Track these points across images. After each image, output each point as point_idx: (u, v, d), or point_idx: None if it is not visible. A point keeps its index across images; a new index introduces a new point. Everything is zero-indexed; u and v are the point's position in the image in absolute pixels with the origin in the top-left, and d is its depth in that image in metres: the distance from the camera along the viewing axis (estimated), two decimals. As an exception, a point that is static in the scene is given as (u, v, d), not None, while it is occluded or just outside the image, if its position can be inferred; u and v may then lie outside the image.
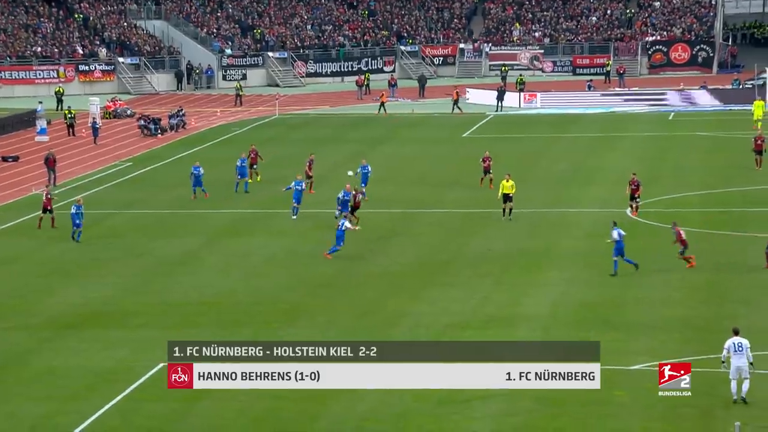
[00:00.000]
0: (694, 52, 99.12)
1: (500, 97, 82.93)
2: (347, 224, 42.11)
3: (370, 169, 52.25)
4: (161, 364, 32.17)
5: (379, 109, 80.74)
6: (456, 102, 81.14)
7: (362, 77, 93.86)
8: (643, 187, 46.97)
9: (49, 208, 47.78)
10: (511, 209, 46.49)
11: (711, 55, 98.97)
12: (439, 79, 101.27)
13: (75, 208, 45.70)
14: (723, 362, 25.20)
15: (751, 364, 25.34)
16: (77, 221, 45.41)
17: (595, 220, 47.71)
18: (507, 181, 46.58)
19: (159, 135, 74.89)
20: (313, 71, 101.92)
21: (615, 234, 38.91)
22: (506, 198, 46.61)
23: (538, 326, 34.41)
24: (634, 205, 45.93)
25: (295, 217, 48.74)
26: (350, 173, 48.29)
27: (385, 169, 58.08)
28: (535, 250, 43.21)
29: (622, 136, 70.12)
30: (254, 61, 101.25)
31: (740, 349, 24.23)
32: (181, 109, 79.63)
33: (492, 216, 49.63)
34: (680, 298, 36.62)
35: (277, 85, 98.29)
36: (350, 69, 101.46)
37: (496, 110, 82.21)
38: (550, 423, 27.36)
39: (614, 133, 71.48)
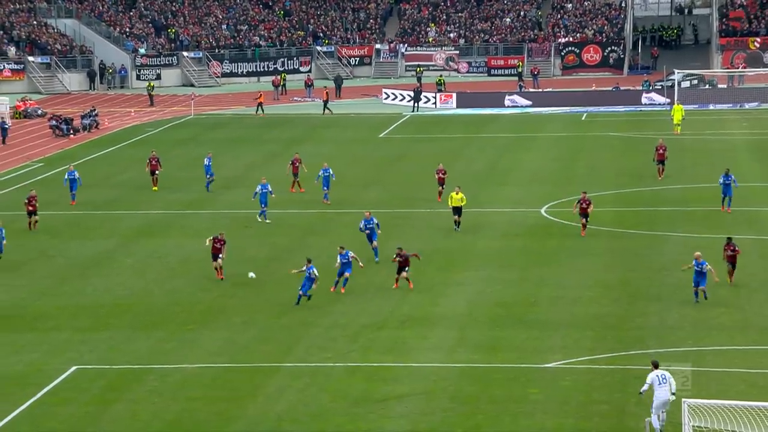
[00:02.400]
0: (605, 54, 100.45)
1: (416, 98, 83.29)
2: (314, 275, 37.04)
3: (331, 172, 51.82)
4: (74, 368, 31.81)
5: (257, 110, 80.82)
6: (326, 103, 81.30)
7: (278, 77, 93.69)
8: (593, 206, 44.36)
9: None
10: (459, 222, 45.43)
11: (622, 56, 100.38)
12: (355, 79, 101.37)
13: None
14: (641, 393, 25.07)
15: (673, 394, 25.17)
16: None
17: (510, 220, 48.11)
18: (457, 193, 45.39)
19: (71, 135, 73.94)
20: (228, 71, 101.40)
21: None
22: (456, 210, 45.43)
23: (454, 325, 34.61)
24: (584, 222, 43.80)
25: (266, 220, 48.06)
26: (251, 275, 39.73)
27: (302, 169, 57.93)
28: (452, 250, 43.46)
29: (536, 137, 70.82)
30: (169, 60, 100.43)
31: (664, 381, 24.20)
32: (94, 109, 78.72)
33: (410, 216, 49.82)
34: (593, 296, 37.07)
35: (192, 85, 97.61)
36: (266, 69, 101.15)
37: (413, 111, 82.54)
38: (465, 421, 27.54)
39: (529, 133, 72.19)
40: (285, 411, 28.53)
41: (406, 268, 37.81)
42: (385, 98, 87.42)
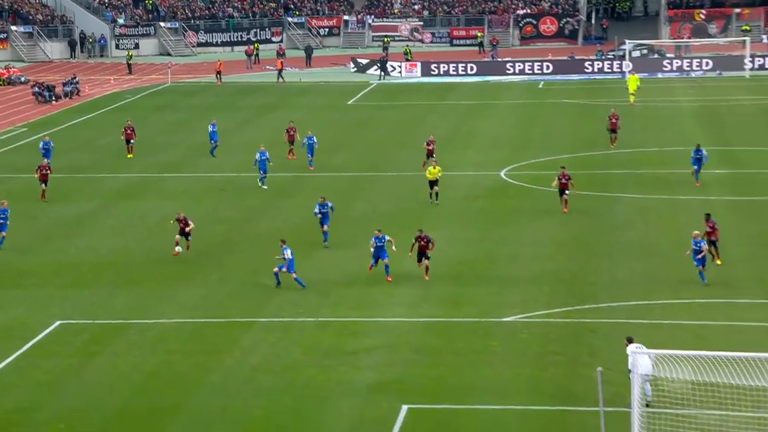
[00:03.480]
0: (561, 25, 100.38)
1: (383, 67, 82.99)
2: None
3: (315, 140, 51.35)
4: (57, 322, 31.67)
5: (217, 78, 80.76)
6: (280, 72, 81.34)
7: (251, 47, 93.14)
8: (573, 184, 42.06)
9: None
10: (437, 193, 43.85)
11: (576, 27, 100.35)
12: (325, 49, 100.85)
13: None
14: (629, 370, 24.53)
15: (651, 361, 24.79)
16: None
17: (471, 182, 48.13)
18: (434, 167, 44.17)
19: (53, 102, 73.35)
20: (203, 41, 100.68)
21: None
22: (432, 183, 43.97)
23: (418, 282, 34.67)
24: (564, 199, 41.65)
25: (264, 186, 47.13)
26: (178, 249, 37.25)
27: (275, 135, 57.74)
28: (417, 211, 43.47)
29: (496, 104, 70.78)
30: (146, 31, 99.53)
31: (641, 350, 24.02)
32: (75, 77, 78.06)
33: (376, 178, 49.77)
34: (549, 253, 37.22)
35: (169, 54, 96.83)
36: (240, 39, 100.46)
37: (379, 79, 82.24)
38: (428, 372, 27.65)
39: (489, 100, 72.12)
40: (259, 363, 28.53)
41: (427, 253, 34.30)
42: (353, 68, 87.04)
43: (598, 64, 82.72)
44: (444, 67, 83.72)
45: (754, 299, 32.25)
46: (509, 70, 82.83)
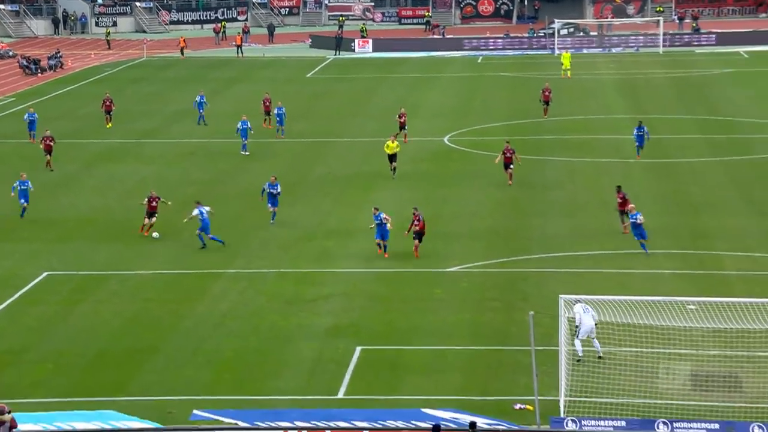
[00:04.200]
0: (497, 6, 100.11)
1: (338, 44, 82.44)
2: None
3: (284, 111, 50.61)
4: (45, 273, 31.33)
5: (181, 53, 79.60)
6: (239, 47, 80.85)
7: (219, 25, 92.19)
8: (518, 156, 40.27)
9: None
10: (395, 168, 41.31)
11: (511, 8, 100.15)
12: (285, 27, 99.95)
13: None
14: (577, 326, 23.84)
15: (595, 320, 24.05)
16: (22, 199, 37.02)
17: (417, 148, 48.02)
18: (392, 141, 41.54)
19: (39, 74, 72.29)
20: (176, 19, 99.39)
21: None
22: (392, 157, 41.38)
23: (370, 237, 34.58)
24: (509, 172, 39.69)
25: (246, 152, 46.12)
26: (155, 235, 34.55)
27: (240, 105, 57.27)
28: (369, 173, 43.35)
29: (439, 77, 70.57)
30: (123, 9, 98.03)
31: (587, 310, 24.01)
32: (59, 51, 76.93)
33: (333, 143, 49.55)
34: (487, 212, 37.31)
35: (144, 31, 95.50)
36: (209, 18, 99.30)
37: (335, 54, 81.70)
38: (380, 317, 27.71)
39: (433, 74, 71.87)
40: (228, 309, 28.45)
41: (422, 236, 31.77)
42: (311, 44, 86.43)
43: (531, 41, 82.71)
44: (395, 44, 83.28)
45: (667, 250, 32.60)
46: (466, 45, 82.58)
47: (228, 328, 27.11)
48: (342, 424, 21.52)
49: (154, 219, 34.62)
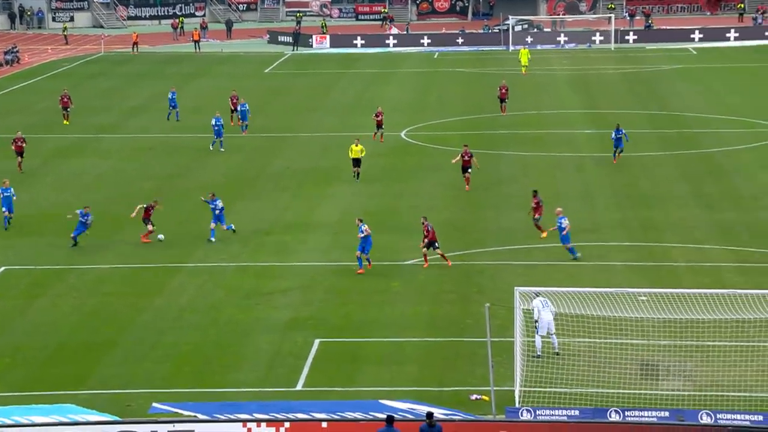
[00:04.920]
0: (453, 2, 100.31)
1: (296, 39, 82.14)
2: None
3: (248, 108, 50.14)
4: (3, 268, 30.96)
5: (133, 49, 78.87)
6: (197, 42, 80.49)
7: (177, 21, 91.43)
8: (476, 161, 38.86)
9: None
10: (359, 173, 39.98)
11: (466, 4, 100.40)
12: (243, 23, 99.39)
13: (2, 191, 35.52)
14: (536, 321, 23.71)
15: (553, 314, 24.06)
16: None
17: (374, 142, 48.02)
18: (356, 145, 39.99)
19: (-4, 69, 71.32)
20: (133, 15, 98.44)
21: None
22: (356, 162, 40.02)
23: (329, 231, 34.63)
24: (467, 177, 38.50)
25: (220, 148, 45.44)
26: (160, 237, 33.49)
27: (199, 100, 56.89)
28: (326, 168, 43.29)
29: (396, 72, 70.61)
30: (80, 5, 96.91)
31: (546, 305, 24.05)
32: (15, 46, 75.93)
33: (291, 138, 49.43)
34: (444, 205, 37.41)
35: (102, 27, 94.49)
36: (166, 13, 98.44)
37: (293, 50, 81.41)
38: (338, 310, 27.71)
39: (390, 69, 71.90)
40: (187, 303, 28.29)
41: (436, 243, 30.38)
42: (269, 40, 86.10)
43: (485, 37, 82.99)
44: (353, 39, 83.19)
45: (618, 242, 32.91)
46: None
47: (187, 321, 26.97)
48: (300, 416, 21.50)
49: (150, 225, 33.16)
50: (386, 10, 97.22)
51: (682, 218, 35.16)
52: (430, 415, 19.91)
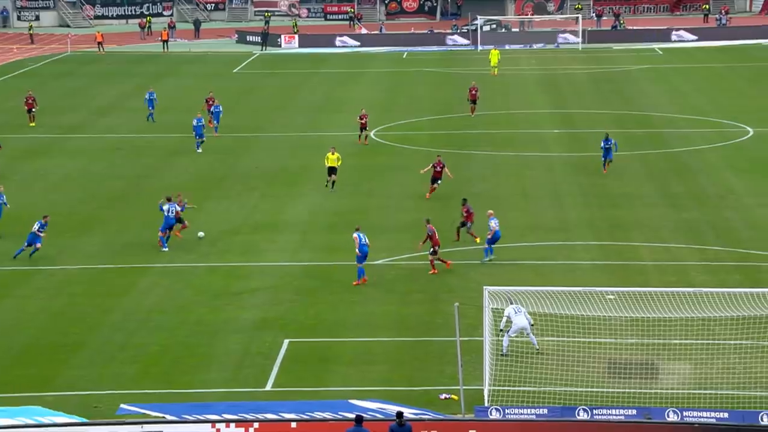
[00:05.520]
0: (421, 2, 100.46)
1: (264, 39, 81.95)
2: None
3: (221, 109, 49.77)
4: (-31, 271, 30.62)
5: (99, 48, 77.91)
6: (165, 42, 79.85)
7: (144, 20, 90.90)
8: (449, 172, 37.97)
9: None
10: (334, 182, 38.63)
11: (435, 4, 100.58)
12: (211, 22, 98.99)
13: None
14: (501, 330, 23.73)
15: (532, 325, 23.75)
16: None
17: (345, 142, 47.91)
18: (333, 153, 38.59)
19: (-39, 68, 70.47)
20: (100, 14, 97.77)
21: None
22: (331, 170, 38.64)
23: (298, 230, 34.57)
24: (434, 188, 37.48)
25: (199, 150, 45.15)
26: (200, 234, 33.36)
27: (167, 99, 56.57)
28: (295, 168, 43.23)
29: (365, 72, 70.62)
30: (46, 3, 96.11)
31: (519, 311, 23.98)
32: (-19, 46, 75.05)
33: (259, 138, 49.31)
34: (413, 205, 37.43)
35: (68, 26, 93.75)
36: (134, 13, 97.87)
37: (261, 50, 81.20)
38: (308, 310, 27.67)
39: (359, 69, 71.90)
40: (155, 304, 28.15)
41: (437, 248, 29.81)
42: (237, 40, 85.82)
43: (454, 38, 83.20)
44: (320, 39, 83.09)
45: (585, 241, 33.10)
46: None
47: (155, 322, 26.83)
48: (270, 416, 21.45)
49: (184, 224, 32.59)
50: (353, 10, 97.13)
51: (649, 217, 35.42)
52: (399, 414, 19.94)
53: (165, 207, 32.16)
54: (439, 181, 37.60)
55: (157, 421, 21.35)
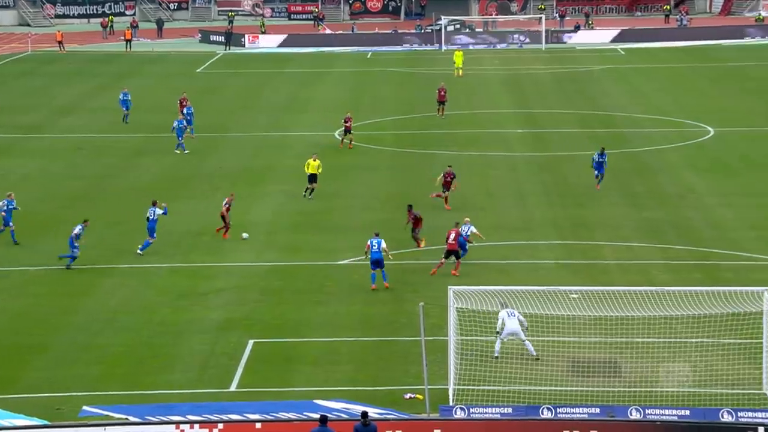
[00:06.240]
0: (385, 2, 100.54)
1: (228, 39, 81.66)
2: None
3: (193, 110, 49.43)
4: (-72, 272, 30.26)
5: (60, 48, 77.20)
6: (129, 42, 79.57)
7: (106, 19, 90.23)
8: (457, 182, 36.78)
9: None
10: (313, 189, 37.74)
11: (399, 4, 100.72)
12: (174, 22, 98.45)
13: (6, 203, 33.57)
14: (498, 332, 23.41)
15: (526, 328, 23.65)
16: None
17: (308, 142, 47.95)
18: (314, 160, 37.85)
19: None
20: (61, 13, 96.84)
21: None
22: (312, 177, 37.74)
23: (263, 230, 34.50)
24: (443, 195, 36.27)
25: (178, 150, 44.78)
26: (245, 235, 33.49)
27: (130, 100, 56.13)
28: (259, 168, 43.14)
29: (329, 72, 70.58)
30: (5, 2, 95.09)
31: (512, 314, 23.92)
32: (-62, 45, 74.04)
33: (224, 138, 49.12)
34: (378, 205, 37.51)
35: (29, 25, 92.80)
36: (95, 12, 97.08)
37: (225, 49, 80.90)
38: (273, 309, 27.64)
39: (323, 69, 71.85)
40: (119, 304, 27.99)
41: (453, 257, 29.37)
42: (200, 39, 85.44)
43: (417, 38, 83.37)
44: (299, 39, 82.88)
45: (549, 240, 33.33)
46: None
47: (119, 323, 26.67)
48: (234, 417, 21.41)
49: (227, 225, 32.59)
50: (318, 10, 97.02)
51: (612, 216, 35.72)
52: (364, 414, 19.99)
53: (150, 211, 31.56)
54: (446, 191, 36.37)
55: (120, 423, 21.23)
